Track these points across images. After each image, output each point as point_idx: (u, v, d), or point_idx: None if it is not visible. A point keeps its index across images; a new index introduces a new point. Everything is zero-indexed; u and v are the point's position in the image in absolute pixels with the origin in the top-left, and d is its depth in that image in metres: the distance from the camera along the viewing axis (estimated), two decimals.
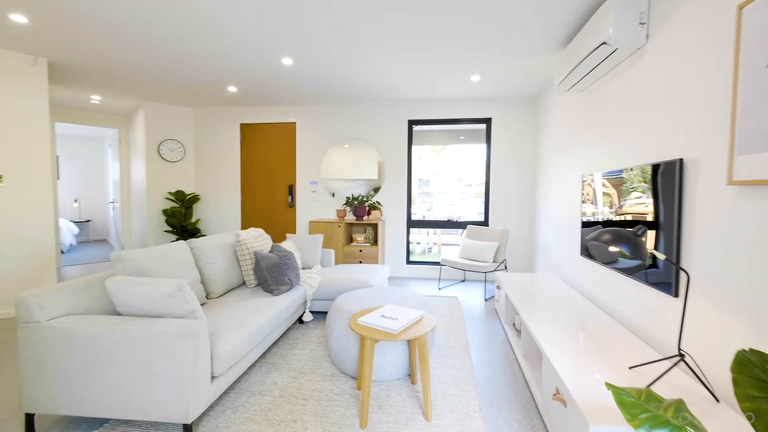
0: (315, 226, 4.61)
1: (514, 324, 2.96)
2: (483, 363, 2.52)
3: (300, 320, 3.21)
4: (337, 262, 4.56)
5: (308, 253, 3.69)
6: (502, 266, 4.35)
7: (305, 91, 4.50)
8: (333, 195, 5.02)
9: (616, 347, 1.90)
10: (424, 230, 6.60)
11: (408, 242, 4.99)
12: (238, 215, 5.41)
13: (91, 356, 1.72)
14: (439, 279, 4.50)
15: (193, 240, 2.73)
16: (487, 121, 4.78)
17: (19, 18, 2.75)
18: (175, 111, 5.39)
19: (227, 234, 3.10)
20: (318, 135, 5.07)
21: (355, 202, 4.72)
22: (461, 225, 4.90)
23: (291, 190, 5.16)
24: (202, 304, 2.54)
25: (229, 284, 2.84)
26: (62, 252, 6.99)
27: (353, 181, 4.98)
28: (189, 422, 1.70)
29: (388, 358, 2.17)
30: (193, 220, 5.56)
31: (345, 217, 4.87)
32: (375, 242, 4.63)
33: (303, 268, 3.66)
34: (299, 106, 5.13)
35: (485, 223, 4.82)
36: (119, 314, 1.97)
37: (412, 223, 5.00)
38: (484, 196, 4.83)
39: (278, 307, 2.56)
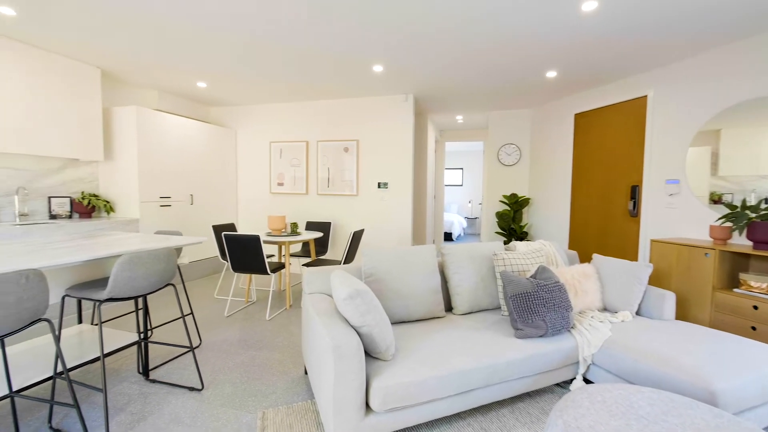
0: (660, 249, 2.83)
1: None
2: None
3: (569, 384, 2.06)
4: (693, 315, 2.57)
5: (616, 289, 2.31)
6: None
7: (655, 42, 2.83)
8: (716, 201, 2.86)
9: None
10: None
11: None
12: (566, 222, 4.40)
13: (310, 333, 1.90)
14: None
15: (447, 245, 2.43)
16: None
17: (378, 68, 3.58)
18: (514, 115, 5.20)
19: (493, 243, 2.52)
20: (686, 105, 3.05)
21: (752, 216, 2.42)
22: None
23: (634, 193, 3.49)
24: (436, 318, 2.21)
25: (476, 303, 2.30)
26: (452, 240, 8.85)
27: (752, 178, 2.58)
28: None
29: None
30: (523, 223, 5.16)
31: (727, 241, 2.65)
32: None
33: (604, 310, 2.35)
34: (652, 71, 3.32)
35: None
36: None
37: None
38: None
39: (505, 357, 1.74)
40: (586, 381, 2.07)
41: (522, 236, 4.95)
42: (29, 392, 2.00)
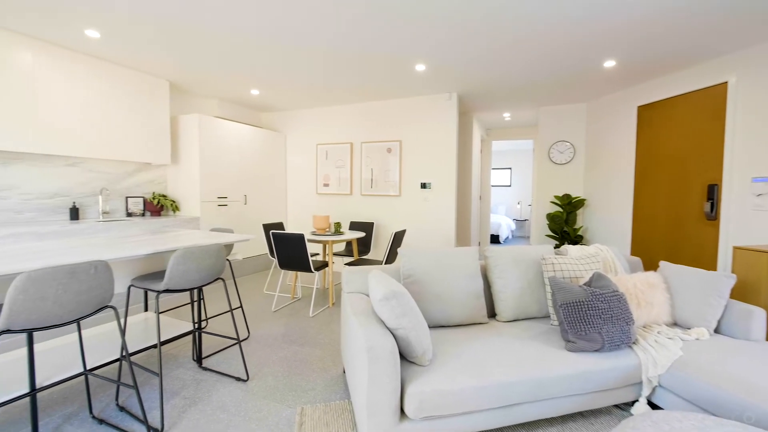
0: (746, 258, 2.41)
1: None
2: None
3: (631, 407, 1.81)
4: None
5: (689, 302, 2.01)
6: None
7: (737, 19, 2.43)
8: None
9: None
10: None
11: None
12: (629, 225, 3.97)
13: (347, 333, 1.88)
14: None
15: (491, 247, 2.29)
16: None
17: (420, 67, 3.51)
18: (567, 110, 4.82)
19: (541, 246, 2.33)
20: None
21: None
22: None
23: (711, 193, 3.03)
24: (478, 324, 2.08)
25: (522, 310, 2.13)
26: (499, 242, 8.45)
27: None
28: None
29: None
30: (577, 226, 4.75)
31: None
32: None
33: (674, 325, 2.06)
34: (733, 53, 2.84)
35: None
36: None
37: None
38: None
39: (553, 371, 1.58)
40: (652, 405, 1.82)
41: (576, 240, 4.57)
42: (100, 372, 2.21)
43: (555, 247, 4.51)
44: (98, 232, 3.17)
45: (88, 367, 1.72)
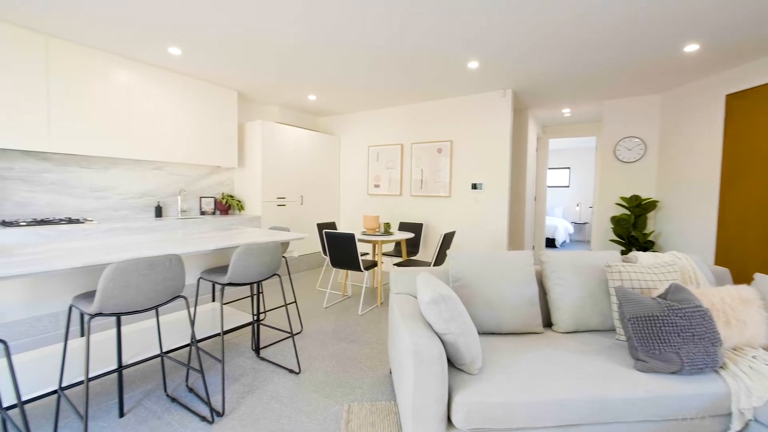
0: None
1: None
2: None
3: None
4: None
5: None
6: None
7: None
8: None
9: None
10: None
11: None
12: (713, 231, 3.44)
13: (394, 334, 1.85)
14: None
15: (547, 252, 2.11)
16: None
17: (473, 64, 3.37)
18: (637, 103, 4.32)
19: (605, 252, 2.09)
20: None
21: None
22: None
23: None
24: (532, 333, 1.93)
25: (583, 321, 1.93)
26: (555, 246, 7.86)
27: None
28: None
29: None
30: (648, 231, 4.24)
31: None
32: None
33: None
34: None
35: None
36: None
37: None
38: None
39: (620, 392, 1.40)
40: None
41: (646, 246, 4.07)
42: (173, 355, 2.43)
43: (621, 254, 4.07)
44: (177, 229, 3.51)
45: (163, 350, 1.90)
